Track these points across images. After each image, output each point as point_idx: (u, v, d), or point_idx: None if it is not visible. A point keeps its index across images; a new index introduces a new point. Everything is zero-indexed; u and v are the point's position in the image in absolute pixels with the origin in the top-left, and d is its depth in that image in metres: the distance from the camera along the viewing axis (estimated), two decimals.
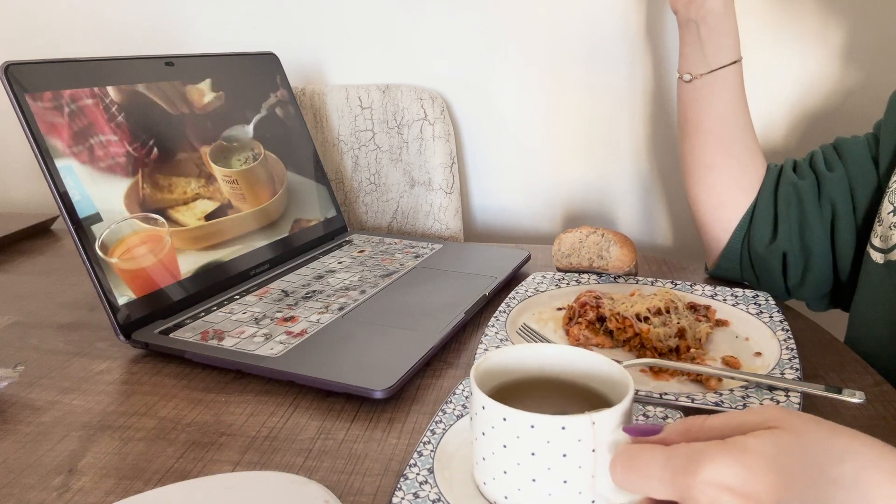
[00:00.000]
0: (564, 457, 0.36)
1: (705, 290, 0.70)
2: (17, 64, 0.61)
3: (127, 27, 1.12)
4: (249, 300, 0.70)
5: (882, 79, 0.92)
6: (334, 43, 1.08)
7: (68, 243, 0.97)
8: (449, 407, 0.49)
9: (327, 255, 0.84)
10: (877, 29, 0.91)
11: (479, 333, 0.66)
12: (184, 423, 0.52)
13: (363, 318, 0.65)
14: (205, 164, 0.75)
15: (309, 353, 0.58)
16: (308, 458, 0.48)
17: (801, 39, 0.93)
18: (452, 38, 1.04)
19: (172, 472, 0.46)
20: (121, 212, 0.65)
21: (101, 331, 0.68)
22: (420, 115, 1.03)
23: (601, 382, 0.42)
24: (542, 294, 0.71)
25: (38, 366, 0.61)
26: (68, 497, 0.44)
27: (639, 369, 0.57)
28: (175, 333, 0.63)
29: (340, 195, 1.09)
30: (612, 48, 1.00)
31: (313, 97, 1.05)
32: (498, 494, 0.39)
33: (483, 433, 0.38)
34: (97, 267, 0.61)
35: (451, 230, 1.05)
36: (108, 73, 0.69)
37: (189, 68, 0.78)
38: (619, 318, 0.60)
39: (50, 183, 0.61)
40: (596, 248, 0.73)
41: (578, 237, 0.75)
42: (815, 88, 0.95)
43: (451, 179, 1.04)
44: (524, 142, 1.07)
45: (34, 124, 0.61)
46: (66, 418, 0.53)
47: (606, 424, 0.36)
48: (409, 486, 0.41)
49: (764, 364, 0.57)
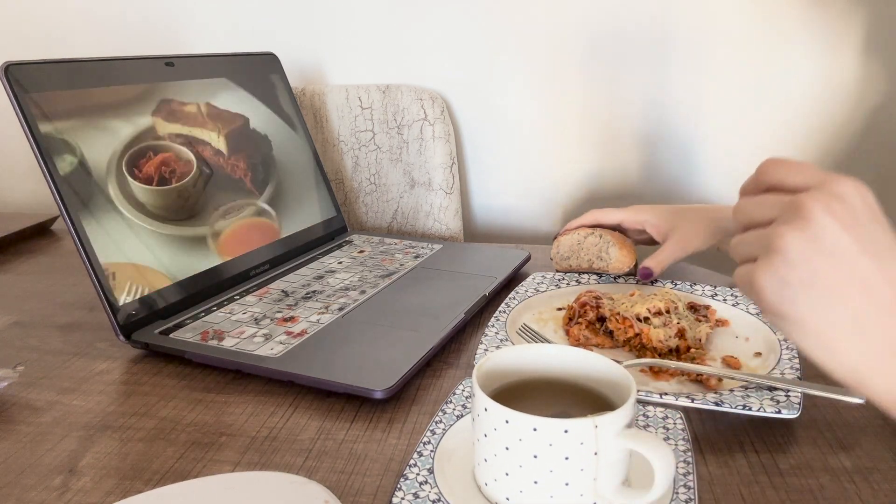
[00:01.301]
0: (567, 459, 0.36)
1: (705, 290, 0.70)
2: (17, 64, 0.61)
3: (127, 27, 1.11)
4: (249, 300, 0.70)
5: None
6: (334, 43, 1.08)
7: (68, 243, 0.97)
8: (449, 407, 0.49)
9: (327, 256, 0.84)
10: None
11: (479, 333, 0.66)
12: (184, 424, 0.52)
13: (363, 319, 0.65)
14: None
15: (309, 354, 0.58)
16: (308, 458, 0.48)
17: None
18: (452, 39, 1.04)
19: (172, 472, 0.46)
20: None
21: (101, 331, 0.68)
22: (420, 115, 1.03)
23: (603, 383, 0.42)
24: (542, 294, 0.71)
25: (38, 366, 0.61)
26: (68, 497, 0.44)
27: (639, 369, 0.57)
28: (175, 334, 0.62)
29: (340, 195, 1.09)
30: (612, 48, 1.00)
31: (313, 97, 1.05)
32: (500, 496, 0.39)
33: (485, 435, 0.38)
34: (97, 267, 0.61)
35: (451, 230, 1.05)
36: (108, 73, 0.69)
37: (189, 68, 0.78)
38: (620, 319, 0.60)
39: (50, 182, 0.61)
40: (595, 249, 0.73)
41: (577, 239, 0.75)
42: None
43: (451, 180, 1.04)
44: (524, 142, 1.07)
45: (34, 124, 0.61)
46: (66, 418, 0.53)
47: (609, 427, 0.36)
48: (409, 486, 0.41)
49: (764, 364, 0.57)
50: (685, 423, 0.47)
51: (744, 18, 0.96)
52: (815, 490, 0.43)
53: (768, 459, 0.46)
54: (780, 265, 0.35)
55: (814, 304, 0.34)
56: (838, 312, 0.34)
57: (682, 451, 0.44)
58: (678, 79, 1.00)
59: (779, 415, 0.47)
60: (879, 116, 0.95)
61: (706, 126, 1.02)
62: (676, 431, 0.47)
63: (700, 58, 0.99)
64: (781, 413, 0.47)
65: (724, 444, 0.48)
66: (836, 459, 0.46)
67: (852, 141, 0.96)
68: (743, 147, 1.02)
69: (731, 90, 0.99)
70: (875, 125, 0.96)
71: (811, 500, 0.43)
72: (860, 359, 0.34)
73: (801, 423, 0.50)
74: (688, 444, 0.45)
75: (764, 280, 0.35)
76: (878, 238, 0.34)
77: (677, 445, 0.45)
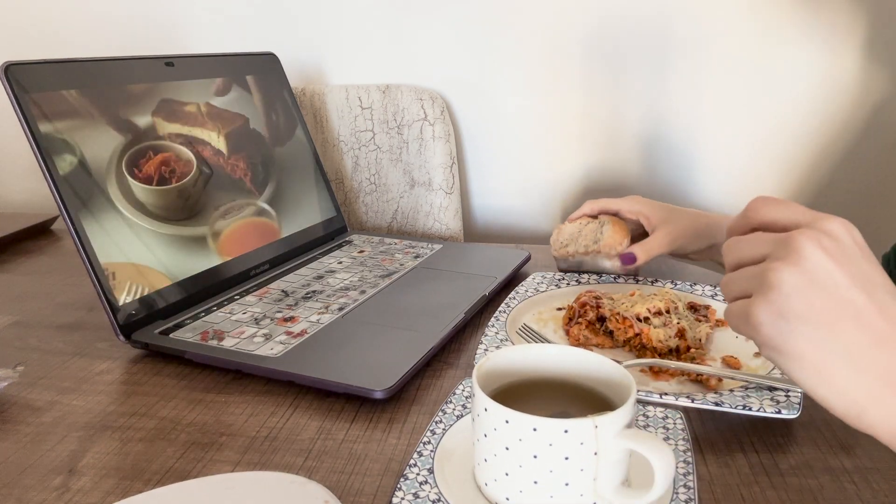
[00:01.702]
0: (567, 460, 0.36)
1: (705, 290, 0.70)
2: (17, 64, 0.61)
3: (127, 27, 1.11)
4: (249, 300, 0.70)
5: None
6: (334, 43, 1.08)
7: (68, 243, 0.97)
8: (449, 407, 0.49)
9: (327, 256, 0.84)
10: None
11: (479, 333, 0.66)
12: (184, 423, 0.52)
13: (363, 318, 0.65)
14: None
15: (309, 354, 0.58)
16: (308, 458, 0.48)
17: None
18: (452, 39, 1.04)
19: (172, 472, 0.46)
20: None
21: (101, 331, 0.68)
22: (420, 115, 1.03)
23: (603, 384, 0.42)
24: (542, 294, 0.71)
25: (38, 366, 0.61)
26: (68, 497, 0.44)
27: (639, 369, 0.57)
28: (175, 334, 0.62)
29: (340, 195, 1.09)
30: (612, 49, 1.00)
31: (313, 97, 1.05)
32: (500, 496, 0.39)
33: (485, 435, 0.38)
34: (97, 267, 0.61)
35: (451, 230, 1.05)
36: (108, 73, 0.69)
37: (189, 68, 0.78)
38: (620, 319, 0.60)
39: (50, 182, 0.61)
40: (592, 234, 0.73)
41: (577, 227, 0.75)
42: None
43: (451, 179, 1.04)
44: (524, 142, 1.07)
45: (34, 124, 0.61)
46: (66, 418, 0.53)
47: (609, 427, 0.36)
48: (409, 486, 0.41)
49: (764, 364, 0.57)
50: (685, 423, 0.47)
51: (744, 18, 0.96)
52: (815, 490, 0.43)
53: (768, 459, 0.46)
54: (776, 299, 0.35)
55: (811, 337, 0.35)
56: (834, 345, 0.35)
57: (682, 451, 0.44)
58: (679, 79, 1.00)
59: (779, 415, 0.47)
60: (879, 117, 0.95)
61: (706, 126, 1.02)
62: (676, 431, 0.47)
63: (700, 57, 0.99)
64: (781, 413, 0.47)
65: (724, 444, 0.48)
66: (836, 459, 0.46)
67: (852, 141, 0.96)
68: (743, 147, 1.02)
69: (730, 90, 0.99)
70: (875, 125, 0.96)
71: (811, 500, 0.43)
72: (857, 391, 0.35)
73: (801, 423, 0.50)
74: (688, 444, 0.45)
75: (761, 315, 0.36)
76: (867, 273, 0.36)
77: (677, 445, 0.45)
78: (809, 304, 0.35)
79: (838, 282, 0.35)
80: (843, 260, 0.35)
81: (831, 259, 0.35)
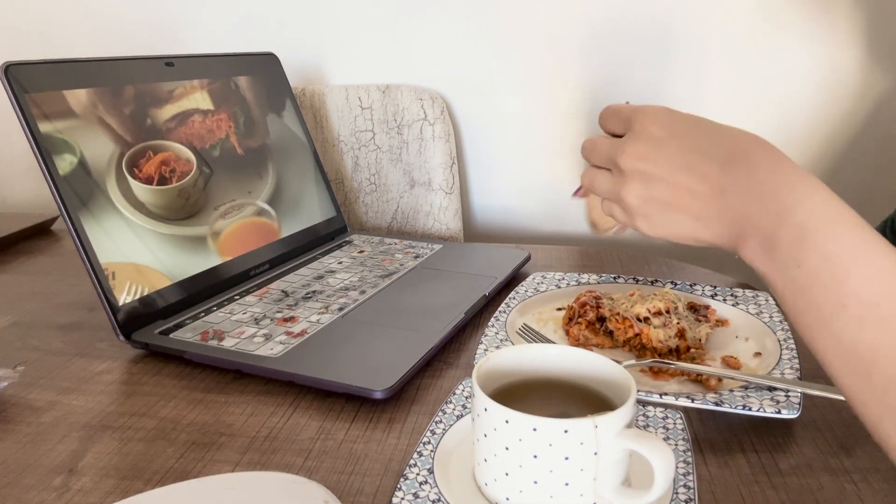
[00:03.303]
0: (567, 459, 0.36)
1: (705, 290, 0.70)
2: (17, 64, 0.61)
3: (127, 27, 1.11)
4: (249, 300, 0.70)
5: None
6: (334, 43, 1.08)
7: (68, 243, 0.97)
8: (449, 407, 0.49)
9: (327, 256, 0.84)
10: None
11: (479, 333, 0.66)
12: (184, 424, 0.52)
13: (363, 319, 0.65)
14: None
15: (309, 354, 0.58)
16: (308, 458, 0.48)
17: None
18: (452, 39, 1.04)
19: (172, 472, 0.46)
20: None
21: (101, 331, 0.68)
22: (420, 115, 1.03)
23: (603, 384, 0.42)
24: (542, 294, 0.71)
25: (38, 366, 0.61)
26: (68, 497, 0.44)
27: (639, 369, 0.57)
28: (175, 334, 0.62)
29: (340, 195, 1.09)
30: (612, 48, 1.00)
31: (313, 97, 1.05)
32: (500, 496, 0.39)
33: (485, 435, 0.38)
34: (97, 267, 0.61)
35: (451, 230, 1.05)
36: (108, 74, 0.69)
37: (189, 68, 0.78)
38: (620, 319, 0.60)
39: (50, 182, 0.61)
40: None
41: None
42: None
43: (451, 180, 1.04)
44: (524, 142, 1.07)
45: (34, 124, 0.61)
46: (66, 418, 0.53)
47: (609, 427, 0.36)
48: (409, 486, 0.41)
49: (764, 364, 0.57)
50: (685, 423, 0.47)
51: (744, 16, 0.96)
52: (815, 490, 0.43)
53: (768, 459, 0.46)
54: (628, 207, 0.47)
55: (663, 220, 0.46)
56: (679, 218, 0.45)
57: (682, 451, 0.44)
58: (678, 77, 1.00)
59: (779, 415, 0.47)
60: (880, 114, 0.95)
61: None
62: (676, 431, 0.47)
63: (700, 56, 0.99)
64: (781, 413, 0.47)
65: (724, 444, 0.48)
66: (836, 459, 0.46)
67: (852, 138, 0.96)
68: None
69: (731, 89, 0.99)
70: (875, 122, 0.96)
71: (811, 500, 0.43)
72: (719, 238, 0.43)
73: (801, 423, 0.50)
74: (688, 444, 0.45)
75: (623, 211, 0.49)
76: (683, 148, 0.44)
77: (677, 445, 0.45)
78: (651, 204, 0.45)
79: (660, 177, 0.45)
80: (656, 156, 0.45)
81: (648, 162, 0.45)
